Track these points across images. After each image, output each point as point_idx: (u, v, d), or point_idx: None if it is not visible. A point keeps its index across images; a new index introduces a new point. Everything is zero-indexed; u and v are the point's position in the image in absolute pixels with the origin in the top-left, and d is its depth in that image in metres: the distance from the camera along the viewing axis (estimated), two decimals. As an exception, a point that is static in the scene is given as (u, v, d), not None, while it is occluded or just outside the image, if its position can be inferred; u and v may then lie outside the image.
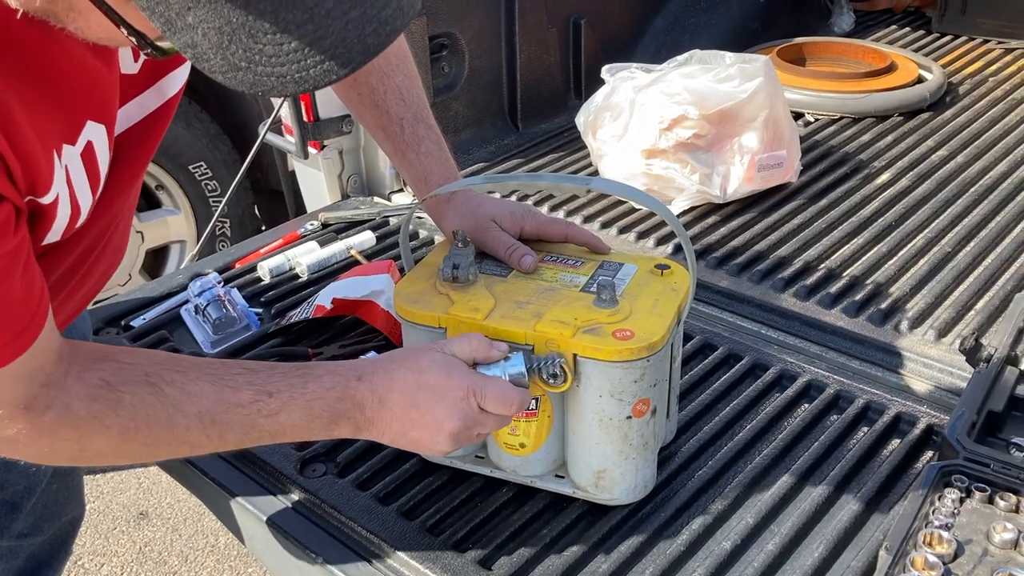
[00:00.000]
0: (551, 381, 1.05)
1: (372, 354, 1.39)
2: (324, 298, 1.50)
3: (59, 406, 0.85)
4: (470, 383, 0.96)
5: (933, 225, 1.76)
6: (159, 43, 0.70)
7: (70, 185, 0.84)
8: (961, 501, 1.03)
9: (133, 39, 0.70)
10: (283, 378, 0.94)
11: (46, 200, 0.81)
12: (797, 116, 2.21)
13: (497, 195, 1.54)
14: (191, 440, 0.91)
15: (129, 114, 0.94)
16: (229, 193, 2.24)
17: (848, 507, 1.13)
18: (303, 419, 0.94)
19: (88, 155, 0.86)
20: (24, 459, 0.92)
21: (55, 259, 0.92)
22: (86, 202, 0.88)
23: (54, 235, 0.86)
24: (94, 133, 0.86)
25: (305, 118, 1.89)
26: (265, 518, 1.17)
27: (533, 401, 1.09)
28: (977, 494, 1.03)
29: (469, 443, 1.02)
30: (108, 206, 0.95)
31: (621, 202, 1.88)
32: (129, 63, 0.90)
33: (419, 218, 1.82)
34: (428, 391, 0.96)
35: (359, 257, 1.72)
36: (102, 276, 1.07)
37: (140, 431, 0.88)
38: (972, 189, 1.90)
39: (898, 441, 1.25)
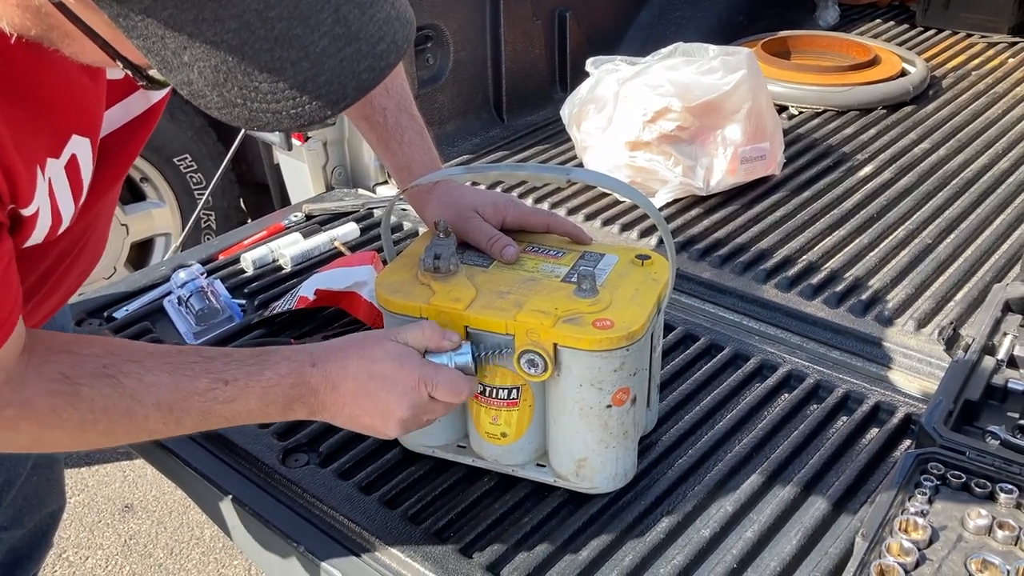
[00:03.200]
0: (531, 370, 1.06)
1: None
2: (307, 289, 1.50)
3: (18, 401, 0.85)
4: (421, 373, 0.99)
5: (914, 217, 1.78)
6: (154, 75, 0.71)
7: (52, 197, 0.84)
8: (937, 489, 1.04)
9: (128, 71, 0.70)
10: (239, 366, 0.95)
11: (27, 212, 0.81)
12: (781, 109, 2.22)
13: (481, 186, 1.54)
14: (149, 428, 0.93)
15: (113, 117, 0.94)
16: (212, 185, 2.24)
17: (826, 495, 1.14)
18: (258, 405, 0.96)
19: (72, 167, 0.86)
20: None
21: (33, 261, 0.92)
22: (68, 211, 0.88)
23: (34, 240, 0.86)
24: (78, 146, 0.86)
25: (289, 110, 1.88)
26: (247, 508, 1.18)
27: (515, 390, 1.10)
28: (953, 481, 1.05)
29: (417, 428, 1.06)
30: (88, 209, 0.95)
31: (605, 194, 1.89)
32: (114, 68, 0.90)
33: (403, 210, 1.82)
34: (380, 380, 0.98)
35: (343, 248, 1.72)
36: (80, 275, 1.07)
37: (99, 422, 0.89)
38: (953, 182, 1.91)
39: (876, 430, 1.26)
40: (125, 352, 0.93)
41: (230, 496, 1.20)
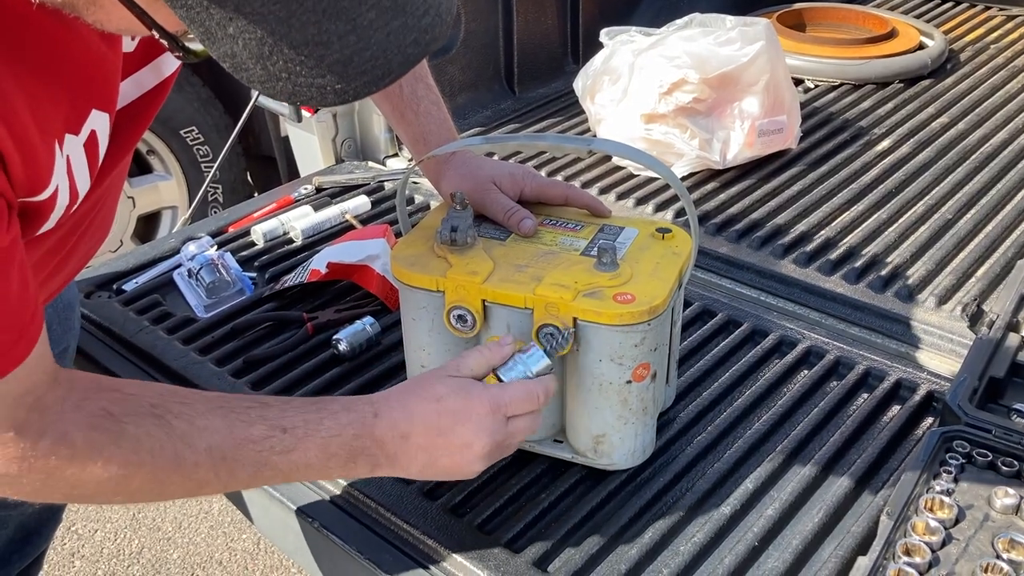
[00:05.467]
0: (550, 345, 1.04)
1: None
2: (319, 262, 1.49)
3: (54, 433, 0.78)
4: (491, 399, 0.94)
5: (934, 192, 1.75)
6: (191, 45, 0.68)
7: (70, 174, 0.81)
8: (962, 467, 1.03)
9: (164, 41, 0.67)
10: (297, 413, 0.89)
11: (44, 195, 0.78)
12: (797, 82, 2.19)
13: (496, 157, 1.52)
14: (198, 477, 0.85)
15: (125, 92, 0.91)
16: (221, 158, 2.21)
17: (848, 473, 1.12)
18: (318, 457, 0.89)
19: (91, 144, 0.83)
20: (15, 495, 0.84)
21: (36, 240, 0.90)
22: (84, 188, 0.85)
23: (51, 223, 0.83)
24: (97, 122, 0.83)
25: (299, 80, 1.86)
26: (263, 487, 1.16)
27: (532, 365, 1.08)
28: (978, 460, 1.03)
29: (503, 456, 0.98)
30: (98, 184, 0.92)
31: (620, 167, 1.86)
32: (127, 40, 0.87)
33: (415, 182, 1.80)
34: (451, 416, 0.92)
35: (354, 221, 1.70)
36: (88, 251, 1.04)
37: (144, 465, 0.82)
38: (973, 156, 1.88)
39: (898, 407, 1.24)
40: (174, 394, 0.87)
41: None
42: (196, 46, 0.67)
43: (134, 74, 0.91)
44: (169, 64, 0.95)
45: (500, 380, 0.98)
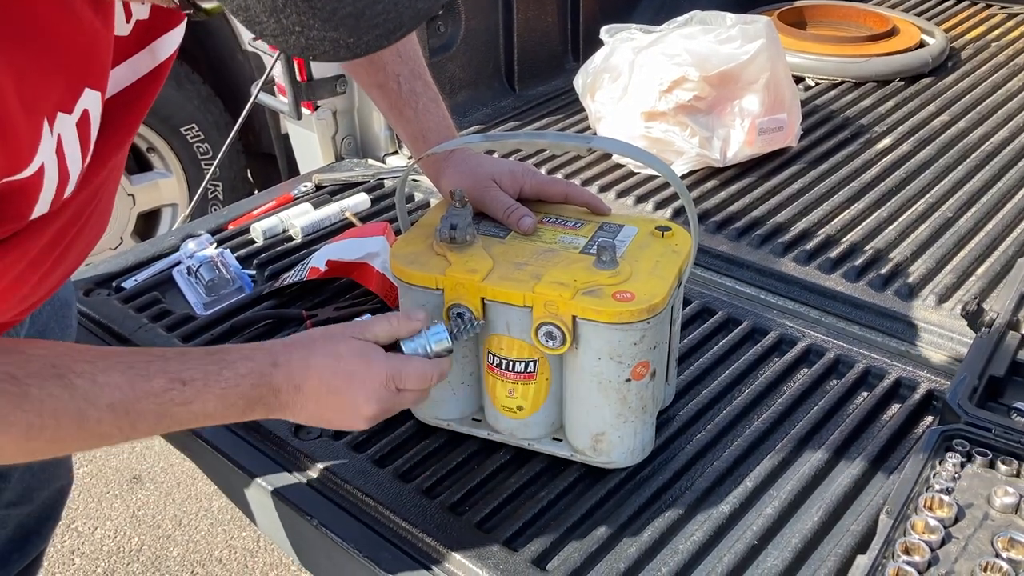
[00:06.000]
0: (549, 343, 1.04)
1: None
2: (318, 260, 1.48)
3: None
4: (388, 368, 0.97)
5: (934, 190, 1.75)
6: (203, 3, 0.67)
7: (61, 154, 0.80)
8: (962, 466, 1.03)
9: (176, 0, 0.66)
10: (197, 365, 0.91)
11: (26, 173, 0.77)
12: (798, 80, 2.18)
13: (495, 155, 1.51)
14: (101, 432, 0.87)
15: (120, 77, 0.90)
16: (220, 155, 2.21)
17: (848, 471, 1.12)
18: (217, 407, 0.91)
19: (83, 123, 0.82)
20: None
21: (37, 231, 0.89)
22: (75, 170, 0.84)
23: (42, 206, 0.82)
24: (90, 101, 0.82)
25: (298, 78, 1.86)
26: (260, 481, 1.16)
27: (532, 363, 1.08)
28: (978, 458, 1.03)
29: (384, 418, 1.02)
30: (94, 175, 0.91)
31: (620, 165, 1.86)
32: (122, 23, 0.86)
33: (415, 180, 1.80)
34: (346, 377, 0.96)
35: (353, 219, 1.69)
36: (85, 247, 1.03)
37: (47, 428, 0.83)
38: (974, 155, 1.88)
39: (898, 406, 1.24)
40: (77, 352, 0.88)
41: (241, 469, 1.19)
42: (209, 3, 0.66)
43: (129, 59, 0.90)
44: (165, 48, 0.95)
45: (401, 351, 1.00)
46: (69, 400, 0.83)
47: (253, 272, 1.56)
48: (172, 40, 0.95)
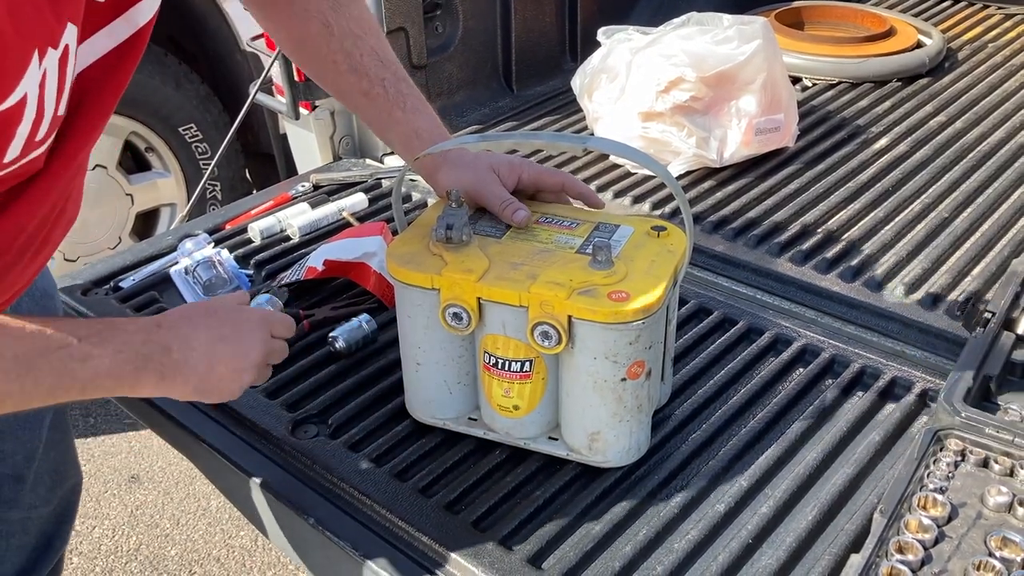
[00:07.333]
0: (544, 343, 1.04)
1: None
2: (316, 260, 1.49)
3: None
4: (260, 313, 1.08)
5: (930, 191, 1.75)
6: None
7: (42, 89, 0.80)
8: (956, 465, 1.03)
9: None
10: (89, 327, 0.94)
11: (9, 102, 0.76)
12: (795, 80, 2.19)
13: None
14: (2, 389, 0.88)
15: (98, 45, 0.90)
16: (218, 155, 2.21)
17: (842, 471, 1.12)
18: (112, 364, 0.93)
19: (63, 60, 0.82)
20: None
21: (19, 220, 0.89)
22: (50, 109, 0.83)
23: (15, 148, 0.81)
24: (71, 36, 0.82)
25: (296, 78, 1.86)
26: (257, 480, 1.17)
27: (528, 363, 1.08)
28: (972, 458, 1.03)
29: (261, 379, 1.08)
30: (78, 149, 0.92)
31: (617, 165, 1.86)
32: None
33: (411, 180, 1.80)
34: (231, 325, 1.03)
35: (351, 219, 1.70)
36: (60, 236, 1.05)
37: None
38: (970, 155, 1.88)
39: (893, 405, 1.24)
40: None
41: (238, 468, 1.19)
42: None
43: (106, 26, 0.90)
44: (142, 14, 0.94)
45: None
46: None
47: (251, 272, 1.57)
48: (150, 6, 0.95)
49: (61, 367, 0.90)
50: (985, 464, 1.03)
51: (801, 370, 1.32)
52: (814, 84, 2.24)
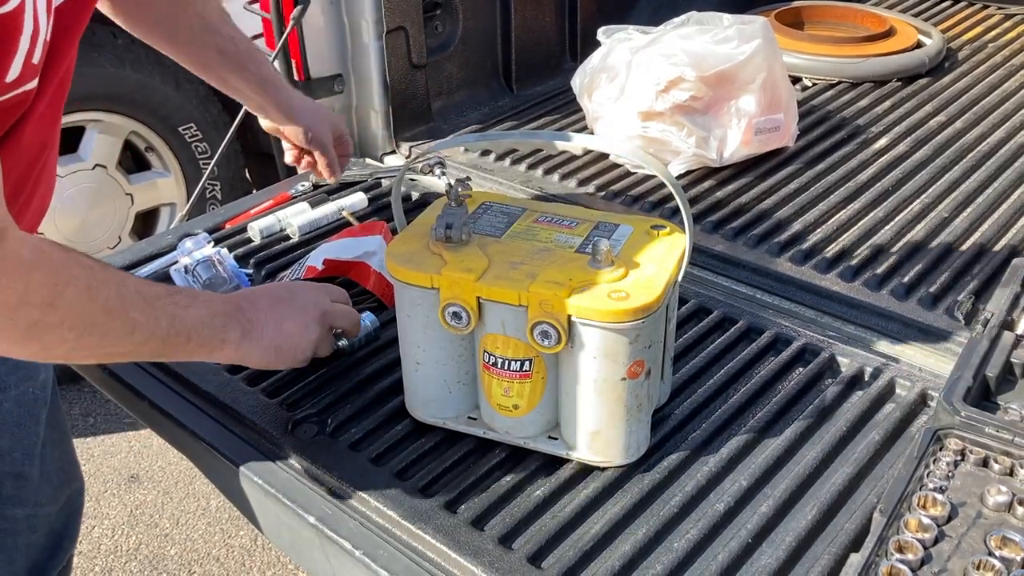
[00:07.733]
0: (544, 342, 1.04)
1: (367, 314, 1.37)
2: (315, 259, 1.49)
3: (32, 244, 0.84)
4: (316, 284, 1.23)
5: (930, 191, 1.75)
6: None
7: (35, 6, 0.82)
8: (955, 464, 1.03)
9: None
10: (170, 286, 1.06)
11: (9, 7, 0.77)
12: (795, 80, 2.19)
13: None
14: (133, 318, 0.94)
15: None
16: (218, 155, 2.21)
17: (842, 470, 1.12)
18: (206, 315, 1.03)
19: None
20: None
21: (9, 163, 0.91)
22: (43, 27, 0.85)
23: (16, 65, 0.83)
24: None
25: (296, 77, 1.86)
26: (256, 479, 1.17)
27: (527, 362, 1.08)
28: (971, 457, 1.03)
29: (325, 344, 1.20)
30: (52, 77, 0.93)
31: (617, 165, 1.86)
32: None
33: (411, 180, 1.80)
34: (287, 288, 1.17)
35: (350, 218, 1.70)
36: (40, 207, 1.07)
37: (101, 288, 0.90)
38: (970, 155, 1.88)
39: (892, 405, 1.24)
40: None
41: (238, 467, 1.19)
42: None
43: None
44: None
45: None
46: (112, 274, 0.94)
47: (250, 271, 1.57)
48: None
49: (172, 310, 0.98)
50: (985, 464, 1.03)
51: (801, 369, 1.32)
52: (814, 84, 2.24)
